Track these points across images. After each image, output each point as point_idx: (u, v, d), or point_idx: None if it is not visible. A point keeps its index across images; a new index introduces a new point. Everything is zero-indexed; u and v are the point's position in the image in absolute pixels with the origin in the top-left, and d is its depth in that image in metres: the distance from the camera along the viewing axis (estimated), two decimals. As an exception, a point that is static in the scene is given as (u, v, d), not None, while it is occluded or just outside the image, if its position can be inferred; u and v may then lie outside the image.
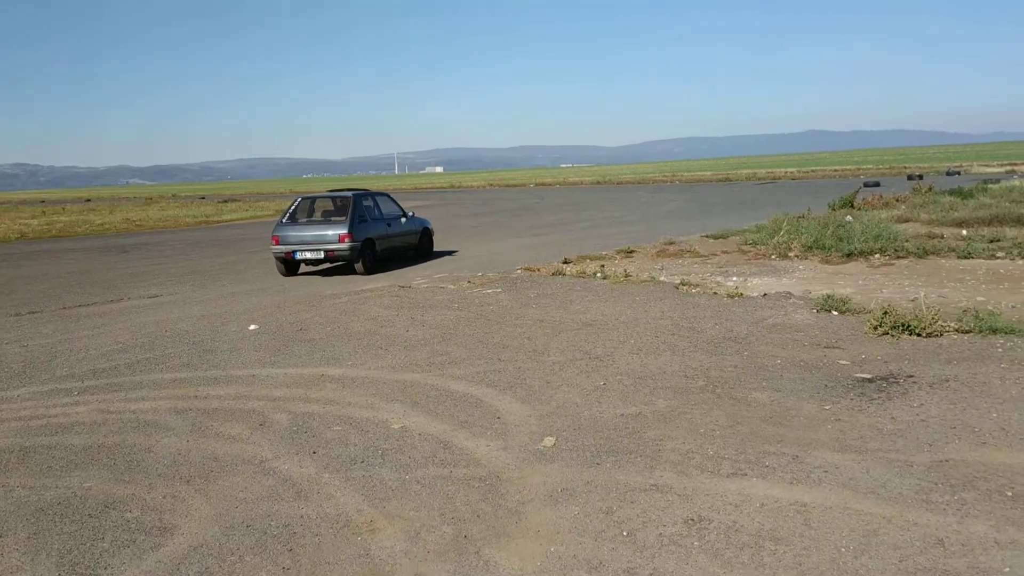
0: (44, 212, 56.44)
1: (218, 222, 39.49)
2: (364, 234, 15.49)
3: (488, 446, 5.33)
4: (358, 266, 15.40)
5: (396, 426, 5.83)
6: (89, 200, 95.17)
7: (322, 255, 15.29)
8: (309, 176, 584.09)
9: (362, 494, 4.66)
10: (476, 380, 6.97)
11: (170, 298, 13.02)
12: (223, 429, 5.98)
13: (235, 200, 70.79)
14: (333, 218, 15.94)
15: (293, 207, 16.58)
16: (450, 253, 18.96)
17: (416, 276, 14.24)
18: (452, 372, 7.29)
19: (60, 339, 9.73)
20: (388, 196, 17.92)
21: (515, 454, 5.16)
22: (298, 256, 15.46)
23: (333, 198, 16.92)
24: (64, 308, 12.31)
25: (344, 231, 15.10)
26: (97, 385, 7.43)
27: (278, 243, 15.49)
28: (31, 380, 7.70)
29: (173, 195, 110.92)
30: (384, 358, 7.97)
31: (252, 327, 9.93)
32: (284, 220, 16.09)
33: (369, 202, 16.55)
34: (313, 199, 17.43)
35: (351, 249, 15.09)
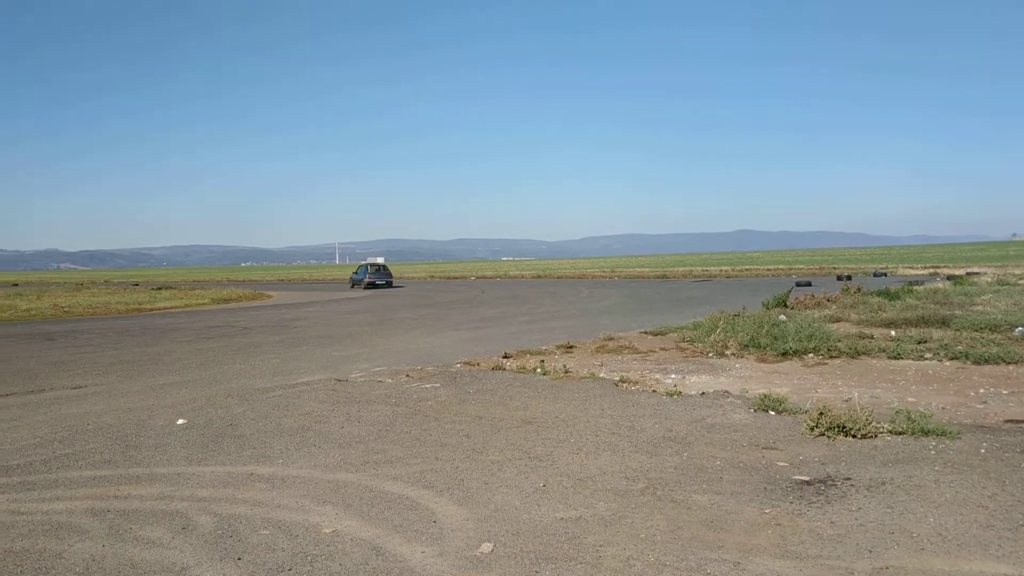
0: (-33, 296, 54.47)
1: (151, 310, 38.56)
2: (391, 277, 59.55)
3: (423, 552, 5.14)
4: (390, 288, 57.29)
5: (327, 530, 5.60)
6: (16, 284, 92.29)
7: (384, 283, 56.72)
8: (248, 264, 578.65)
9: (288, 605, 4.41)
10: (412, 480, 6.78)
11: (95, 389, 12.53)
12: (142, 532, 5.66)
13: (169, 287, 69.42)
14: (383, 270, 59.67)
15: (365, 265, 60.80)
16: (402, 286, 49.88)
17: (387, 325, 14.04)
18: (387, 472, 7.08)
19: (-28, 432, 9.23)
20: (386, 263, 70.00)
21: (451, 561, 4.98)
22: (376, 283, 56.25)
23: (378, 265, 62.53)
24: (-20, 399, 11.73)
25: (391, 276, 59.16)
26: (9, 483, 7.02)
27: (369, 279, 56.39)
28: (-63, 477, 7.24)
29: (105, 280, 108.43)
30: (317, 456, 7.72)
31: (180, 421, 9.58)
32: (368, 272, 57.86)
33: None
34: (370, 264, 61.75)
35: (392, 282, 58.71)
